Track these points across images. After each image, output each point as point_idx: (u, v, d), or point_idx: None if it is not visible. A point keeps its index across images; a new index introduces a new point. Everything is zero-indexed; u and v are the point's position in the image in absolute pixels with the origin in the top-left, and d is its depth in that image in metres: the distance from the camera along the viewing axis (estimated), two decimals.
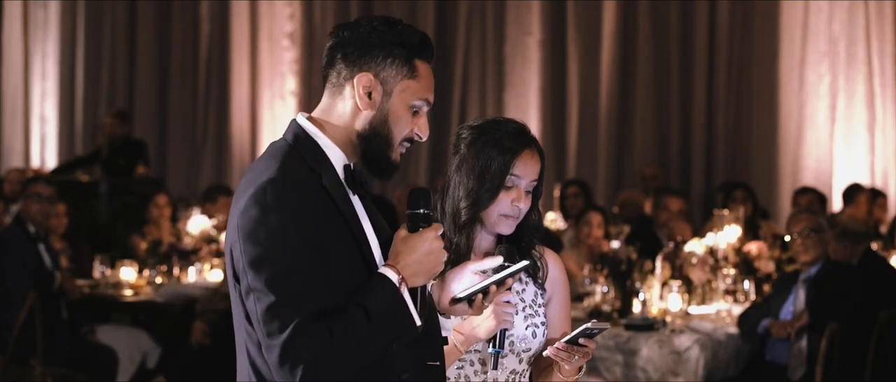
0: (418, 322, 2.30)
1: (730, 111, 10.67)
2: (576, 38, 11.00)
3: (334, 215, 2.28)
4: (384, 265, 2.30)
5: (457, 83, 11.38)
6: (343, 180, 2.34)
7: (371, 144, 2.34)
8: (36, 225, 6.87)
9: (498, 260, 2.57)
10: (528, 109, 11.05)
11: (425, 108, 2.39)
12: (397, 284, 2.26)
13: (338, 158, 2.35)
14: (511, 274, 2.50)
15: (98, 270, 7.59)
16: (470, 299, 2.48)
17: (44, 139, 12.71)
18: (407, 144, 2.39)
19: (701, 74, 10.68)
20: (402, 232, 2.35)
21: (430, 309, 2.42)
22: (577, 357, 2.78)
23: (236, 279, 2.28)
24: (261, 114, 12.02)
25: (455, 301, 2.49)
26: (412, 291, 2.30)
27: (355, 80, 2.33)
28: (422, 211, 2.35)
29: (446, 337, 2.58)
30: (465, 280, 2.51)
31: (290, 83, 11.96)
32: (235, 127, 12.07)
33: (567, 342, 2.77)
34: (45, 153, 12.66)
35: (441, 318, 2.55)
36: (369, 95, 2.33)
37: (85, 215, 9.25)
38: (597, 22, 10.91)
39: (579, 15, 10.98)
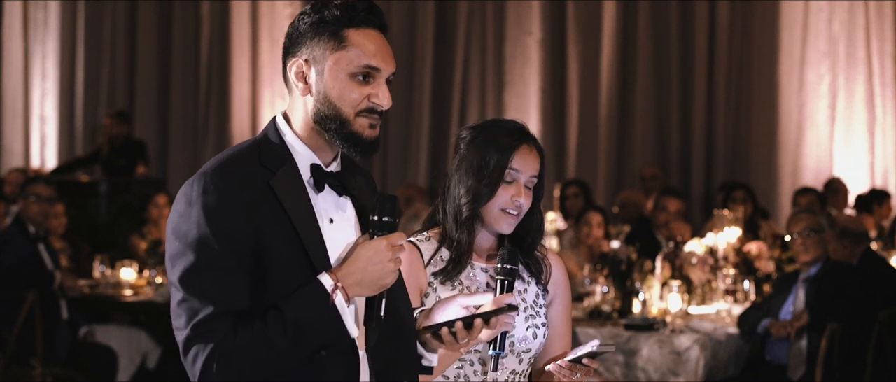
0: (353, 333, 2.22)
1: (730, 111, 10.67)
2: (576, 38, 11.00)
3: (277, 214, 2.21)
4: (326, 272, 2.22)
5: (457, 83, 11.38)
6: (310, 179, 2.28)
7: (327, 125, 2.28)
8: (36, 225, 6.87)
9: (488, 297, 2.50)
10: (528, 109, 11.05)
11: (379, 76, 2.30)
12: (329, 290, 2.18)
13: (305, 157, 2.30)
14: (483, 316, 2.40)
15: (98, 270, 7.58)
16: (435, 332, 2.40)
17: (44, 139, 12.71)
18: (372, 116, 2.29)
19: (701, 74, 10.68)
20: (361, 238, 2.28)
21: (389, 330, 2.33)
22: (578, 374, 2.81)
23: None
24: (261, 114, 12.02)
25: (426, 329, 2.41)
26: (369, 300, 2.23)
27: (289, 69, 2.31)
28: (384, 218, 2.26)
29: (430, 367, 2.49)
30: (451, 312, 2.43)
31: None
32: (236, 127, 12.07)
33: (571, 361, 2.78)
34: (45, 153, 12.66)
35: (423, 349, 2.47)
36: (305, 80, 2.29)
37: (85, 215, 9.25)
38: (597, 22, 10.91)
39: (579, 15, 10.98)
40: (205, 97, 12.28)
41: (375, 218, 2.27)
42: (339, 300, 2.19)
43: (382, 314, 2.27)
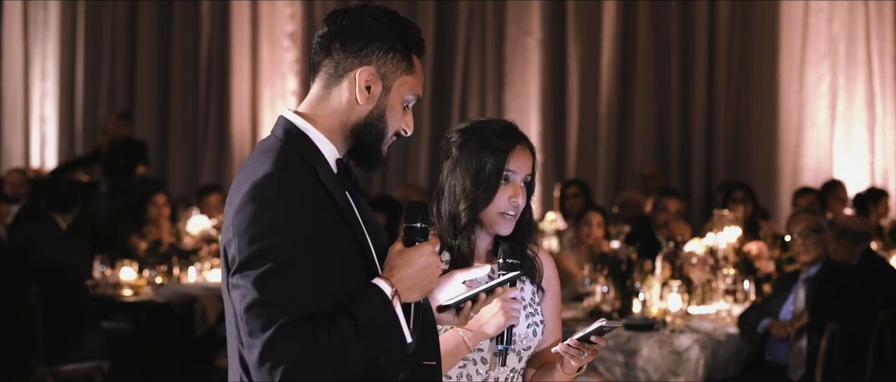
0: (409, 339, 2.23)
1: (730, 111, 10.68)
2: (576, 38, 11.01)
3: (332, 210, 2.22)
4: (379, 277, 2.24)
5: (457, 83, 11.39)
6: (336, 175, 2.29)
7: (365, 138, 2.30)
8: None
9: (486, 270, 2.54)
10: (528, 109, 11.05)
11: (414, 103, 2.36)
12: (390, 297, 2.20)
13: (330, 152, 2.29)
14: (501, 284, 2.46)
15: (98, 270, 7.58)
16: (458, 307, 2.43)
17: (44, 139, 12.71)
18: (394, 138, 2.34)
19: (701, 74, 10.69)
20: (398, 245, 2.29)
21: (426, 310, 2.37)
22: (586, 354, 2.80)
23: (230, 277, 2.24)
24: (261, 114, 12.03)
25: (442, 308, 2.43)
26: (406, 307, 2.24)
27: (357, 74, 2.28)
28: (419, 224, 2.29)
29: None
30: (453, 288, 2.46)
31: (291, 83, 11.97)
32: (236, 127, 12.08)
33: (579, 339, 2.78)
34: (45, 153, 12.67)
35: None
36: (368, 89, 2.28)
37: (85, 215, 9.24)
38: (597, 22, 10.91)
39: (579, 15, 10.99)
40: (205, 97, 12.29)
41: (417, 224, 2.29)
42: (397, 305, 2.21)
43: (421, 316, 2.30)
